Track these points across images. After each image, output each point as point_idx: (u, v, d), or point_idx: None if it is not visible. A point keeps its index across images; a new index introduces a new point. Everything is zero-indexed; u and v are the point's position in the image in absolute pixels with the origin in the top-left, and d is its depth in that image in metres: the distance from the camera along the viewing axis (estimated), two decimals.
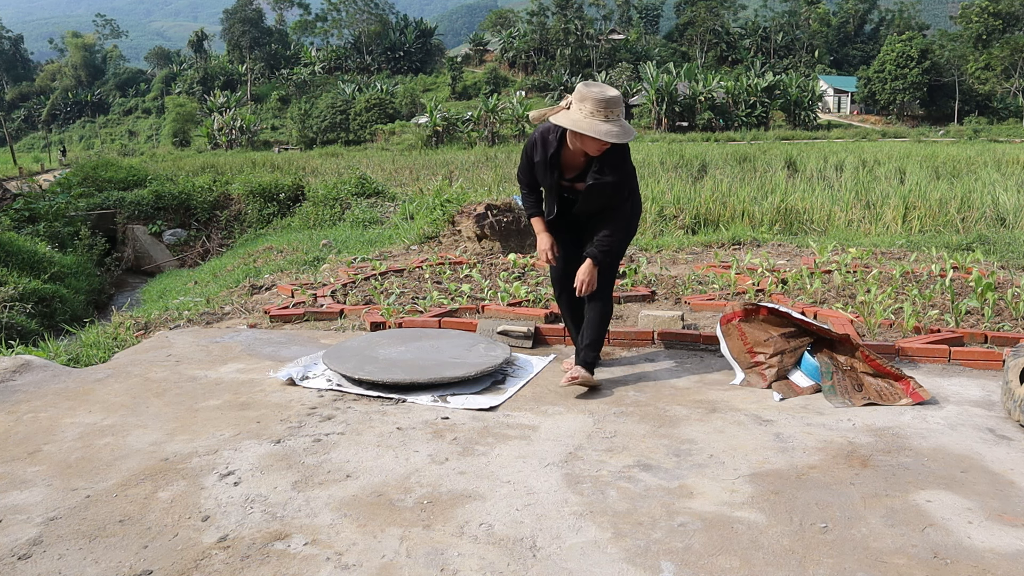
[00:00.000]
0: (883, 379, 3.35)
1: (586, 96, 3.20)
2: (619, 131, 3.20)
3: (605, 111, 3.18)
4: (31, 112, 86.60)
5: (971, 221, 10.59)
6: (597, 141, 3.22)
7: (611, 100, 3.18)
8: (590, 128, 3.17)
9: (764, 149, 28.76)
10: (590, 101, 3.18)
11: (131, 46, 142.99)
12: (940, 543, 2.13)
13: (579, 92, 3.24)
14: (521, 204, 3.63)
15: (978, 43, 62.95)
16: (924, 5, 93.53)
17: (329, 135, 57.17)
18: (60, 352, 4.75)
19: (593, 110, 3.18)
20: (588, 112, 3.19)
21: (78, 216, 16.16)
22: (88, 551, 2.14)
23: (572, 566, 2.04)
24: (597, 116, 3.18)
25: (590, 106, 3.19)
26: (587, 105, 3.19)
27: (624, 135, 3.22)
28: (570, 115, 3.24)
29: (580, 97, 3.22)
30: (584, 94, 3.21)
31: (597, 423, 3.07)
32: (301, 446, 2.85)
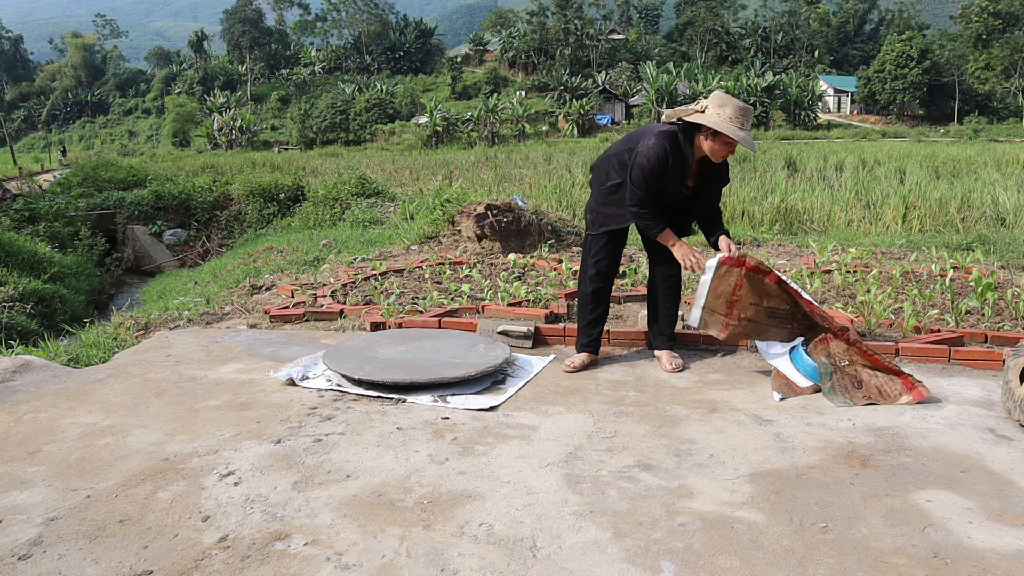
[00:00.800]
0: (883, 374, 3.34)
1: (726, 103, 3.37)
2: (751, 140, 3.41)
3: (742, 119, 3.36)
4: (31, 112, 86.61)
5: (971, 221, 10.59)
6: (729, 147, 3.42)
7: (748, 110, 3.38)
8: (732, 132, 3.34)
9: (764, 149, 28.77)
10: (731, 107, 3.36)
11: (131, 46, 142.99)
12: (940, 543, 2.13)
13: (719, 98, 3.41)
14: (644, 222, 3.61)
15: (978, 43, 62.95)
16: (924, 5, 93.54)
17: (329, 135, 57.16)
18: (60, 352, 4.75)
19: (732, 116, 3.36)
20: (727, 117, 3.36)
21: (78, 216, 16.15)
22: (88, 551, 2.14)
23: (572, 566, 2.04)
24: (735, 122, 3.35)
25: (730, 111, 3.36)
26: (727, 110, 3.37)
27: (753, 144, 3.44)
28: (710, 118, 3.38)
29: (720, 103, 3.38)
30: (724, 100, 3.38)
31: (597, 423, 3.07)
32: (301, 446, 2.85)
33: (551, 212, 8.23)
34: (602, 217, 3.75)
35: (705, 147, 3.47)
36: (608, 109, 61.97)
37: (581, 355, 3.84)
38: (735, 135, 3.34)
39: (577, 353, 3.88)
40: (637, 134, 3.67)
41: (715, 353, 4.04)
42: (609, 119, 60.23)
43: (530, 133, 52.80)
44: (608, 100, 62.74)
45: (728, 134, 3.35)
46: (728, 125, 3.35)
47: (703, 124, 3.40)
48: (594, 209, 3.79)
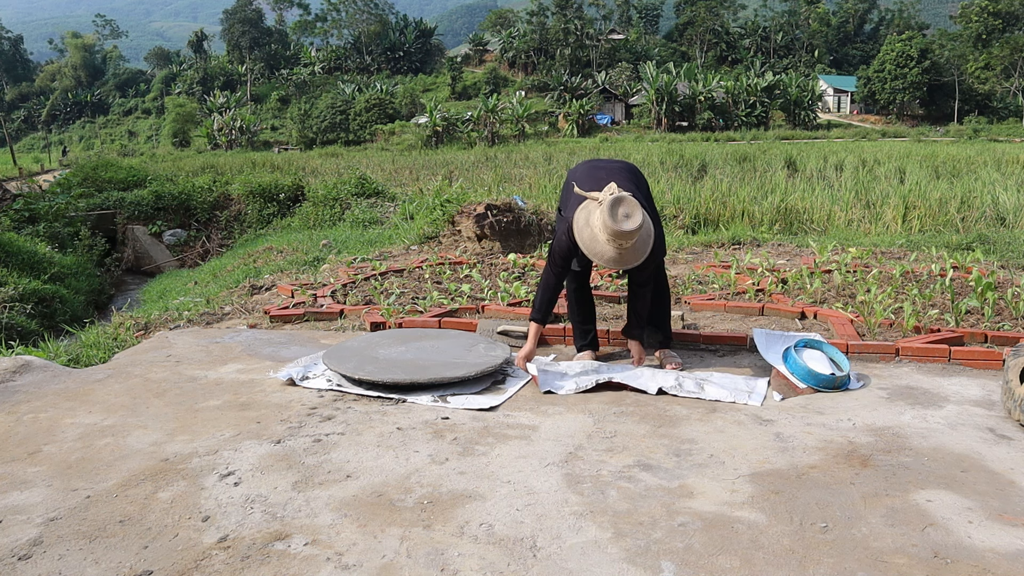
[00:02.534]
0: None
1: (604, 214, 3.26)
2: (617, 257, 3.30)
3: (618, 240, 3.27)
4: (31, 112, 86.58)
5: (971, 221, 10.59)
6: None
7: (622, 233, 3.24)
8: (591, 251, 3.33)
9: (764, 149, 28.76)
10: (606, 223, 3.25)
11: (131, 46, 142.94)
12: (940, 543, 2.13)
13: (605, 208, 3.26)
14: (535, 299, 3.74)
15: (978, 43, 62.92)
16: (924, 5, 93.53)
17: (329, 135, 57.13)
18: (60, 352, 4.75)
19: (601, 227, 3.28)
20: (599, 227, 3.29)
21: (78, 216, 16.16)
22: (88, 551, 2.14)
23: (572, 566, 2.04)
24: (605, 237, 3.28)
25: (600, 224, 3.28)
26: (599, 221, 3.28)
27: (621, 261, 3.32)
28: (590, 219, 3.34)
29: (601, 211, 3.28)
30: (604, 211, 3.26)
31: (597, 423, 3.07)
32: (301, 446, 2.85)
33: (551, 212, 8.23)
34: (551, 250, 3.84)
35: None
36: (608, 109, 61.96)
37: (583, 355, 3.87)
38: (595, 253, 3.31)
39: (579, 354, 3.90)
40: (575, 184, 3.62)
41: (715, 353, 4.04)
42: (609, 119, 60.23)
43: (530, 133, 52.81)
44: (608, 100, 62.74)
45: (588, 254, 3.35)
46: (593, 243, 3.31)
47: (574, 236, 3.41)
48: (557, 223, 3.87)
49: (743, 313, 4.72)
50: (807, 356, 3.57)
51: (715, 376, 3.59)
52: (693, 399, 3.34)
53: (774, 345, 3.70)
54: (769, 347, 3.69)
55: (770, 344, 3.72)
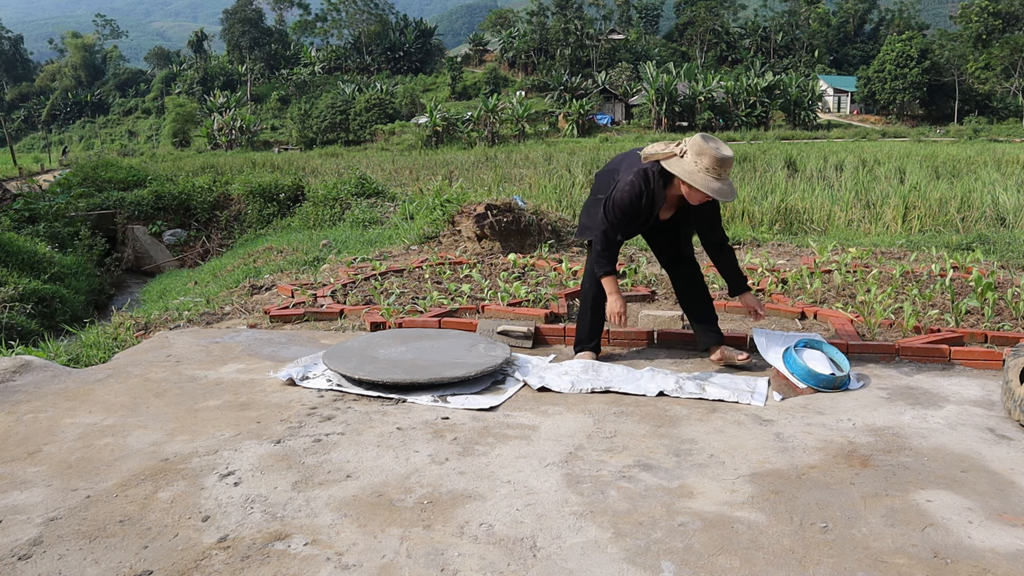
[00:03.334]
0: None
1: (704, 151, 3.29)
2: (728, 190, 3.33)
3: (719, 169, 3.29)
4: (31, 112, 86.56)
5: (971, 221, 10.60)
6: (702, 194, 3.35)
7: (726, 160, 3.30)
8: (703, 184, 3.29)
9: (764, 149, 28.77)
10: (707, 157, 3.29)
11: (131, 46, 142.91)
12: (940, 543, 2.13)
13: (697, 144, 3.33)
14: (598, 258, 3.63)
15: (978, 43, 62.91)
16: (924, 5, 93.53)
17: (329, 135, 57.14)
18: (60, 352, 4.75)
19: (708, 166, 3.29)
20: (703, 167, 3.30)
21: (78, 216, 16.15)
22: (88, 551, 2.14)
23: (572, 566, 2.04)
24: (711, 173, 3.29)
25: (706, 161, 3.29)
26: (703, 160, 3.29)
27: (730, 194, 3.36)
28: (684, 165, 3.33)
29: (697, 150, 3.31)
30: (702, 148, 3.30)
31: (597, 423, 3.07)
32: (301, 446, 2.85)
33: (551, 212, 8.23)
34: (583, 227, 3.83)
35: (682, 190, 3.44)
36: (608, 109, 61.96)
37: (584, 355, 3.87)
38: (707, 188, 3.28)
39: (579, 353, 3.90)
40: (626, 161, 3.66)
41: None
42: (609, 119, 60.23)
43: (530, 133, 52.82)
44: (608, 100, 62.74)
45: (699, 187, 3.30)
46: (703, 176, 3.29)
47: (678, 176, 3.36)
48: (582, 216, 3.86)
49: (743, 313, 4.72)
50: (807, 356, 3.57)
51: (716, 376, 3.58)
52: (693, 399, 3.34)
53: (774, 345, 3.69)
54: (769, 347, 3.69)
55: (770, 344, 3.71)
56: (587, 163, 22.10)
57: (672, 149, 3.40)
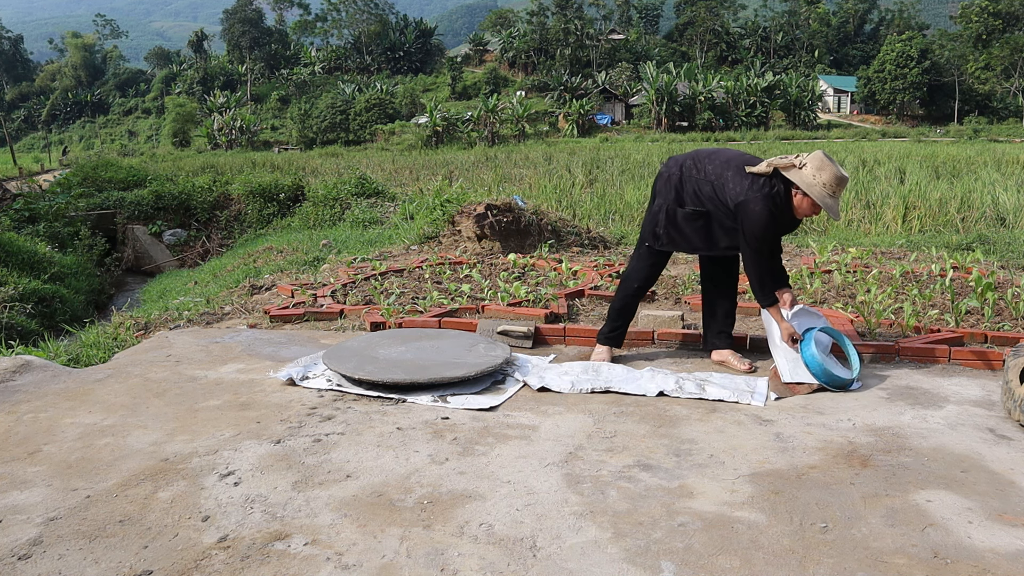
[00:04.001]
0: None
1: (824, 167, 3.39)
2: (837, 209, 3.45)
3: (835, 187, 3.39)
4: (31, 112, 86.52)
5: (971, 221, 10.60)
6: (815, 209, 3.44)
7: (844, 180, 3.43)
8: (819, 197, 3.39)
9: (764, 149, 28.75)
10: (827, 173, 3.38)
11: (131, 46, 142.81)
12: (940, 543, 2.13)
13: (818, 159, 3.41)
14: (762, 291, 3.63)
15: (978, 43, 62.90)
16: (924, 5, 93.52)
17: (329, 135, 57.11)
18: (60, 352, 4.75)
19: (827, 182, 3.38)
20: (822, 182, 3.38)
21: (78, 216, 16.15)
22: (88, 551, 2.14)
23: (572, 566, 2.04)
24: (827, 189, 3.38)
25: (825, 177, 3.38)
26: (823, 175, 3.38)
27: (838, 214, 3.48)
28: (803, 177, 3.41)
29: (819, 165, 3.39)
30: (823, 164, 3.39)
31: (597, 423, 3.07)
32: (301, 446, 2.85)
33: (551, 212, 8.23)
34: (668, 237, 3.72)
35: (794, 201, 3.48)
36: (608, 109, 61.95)
37: (603, 350, 3.88)
38: (823, 202, 3.37)
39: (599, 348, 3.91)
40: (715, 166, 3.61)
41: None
42: (609, 119, 60.22)
43: (530, 133, 52.80)
44: (608, 100, 62.72)
45: (817, 199, 3.38)
46: (821, 191, 3.38)
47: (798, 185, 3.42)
48: (663, 225, 3.72)
49: (743, 313, 4.71)
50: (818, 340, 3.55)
51: (715, 376, 3.58)
52: (693, 399, 3.34)
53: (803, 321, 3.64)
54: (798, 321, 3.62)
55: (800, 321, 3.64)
56: (587, 163, 22.09)
57: (792, 160, 3.46)
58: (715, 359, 3.84)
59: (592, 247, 7.54)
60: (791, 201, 3.49)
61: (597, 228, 8.33)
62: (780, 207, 3.47)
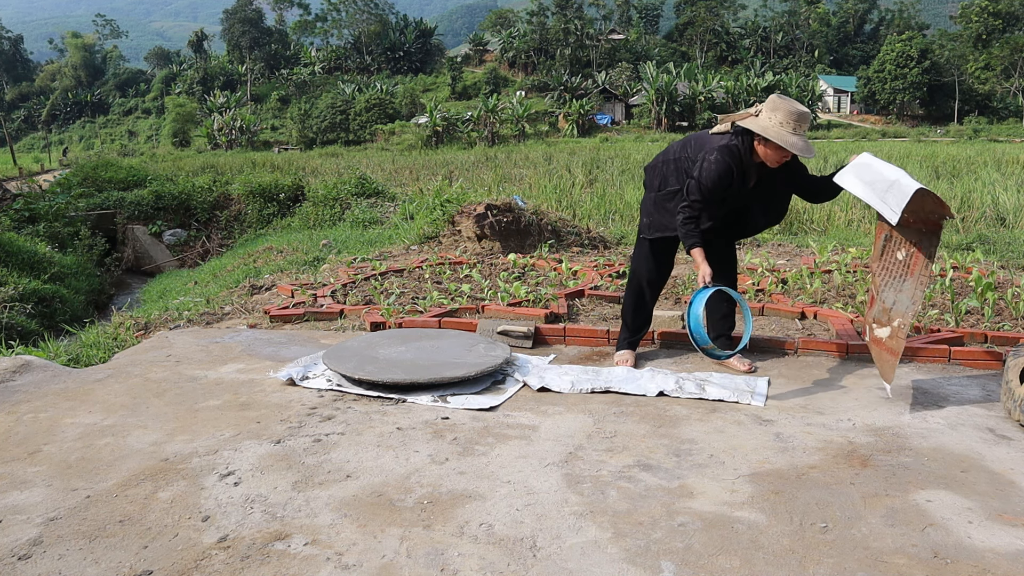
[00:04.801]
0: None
1: (778, 106, 3.29)
2: (804, 145, 3.30)
3: (795, 123, 3.26)
4: (31, 112, 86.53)
5: (971, 221, 10.60)
6: (782, 152, 3.32)
7: (802, 114, 3.27)
8: (778, 136, 3.26)
9: None
10: (782, 111, 3.28)
11: (131, 46, 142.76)
12: (940, 543, 2.13)
13: (771, 102, 3.33)
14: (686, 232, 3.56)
15: (978, 43, 62.89)
16: (924, 5, 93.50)
17: (329, 135, 57.11)
18: (60, 352, 4.75)
19: (783, 120, 3.27)
20: (778, 122, 3.28)
21: (78, 216, 16.15)
22: (88, 551, 2.14)
23: (572, 566, 2.04)
24: (786, 127, 3.27)
25: (781, 116, 3.28)
26: (778, 115, 3.28)
27: (806, 150, 3.31)
28: (759, 123, 3.32)
29: (772, 107, 3.31)
30: (776, 104, 3.30)
31: (597, 423, 3.07)
32: (301, 446, 2.85)
33: (551, 212, 8.23)
34: (657, 223, 3.72)
35: (760, 153, 3.40)
36: (608, 109, 61.94)
37: (624, 354, 3.86)
38: (784, 141, 3.25)
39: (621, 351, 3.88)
40: (697, 142, 3.59)
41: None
42: (609, 119, 60.22)
43: (530, 133, 52.79)
44: (608, 100, 62.72)
45: (776, 140, 3.26)
46: (778, 130, 3.27)
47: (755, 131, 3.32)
48: (650, 213, 3.74)
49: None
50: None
51: (715, 376, 3.58)
52: (693, 399, 3.34)
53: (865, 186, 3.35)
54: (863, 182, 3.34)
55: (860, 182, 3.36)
56: (587, 163, 22.09)
57: (748, 111, 3.40)
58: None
59: (592, 247, 7.54)
60: (754, 154, 3.41)
61: (597, 228, 8.33)
62: (740, 161, 3.39)
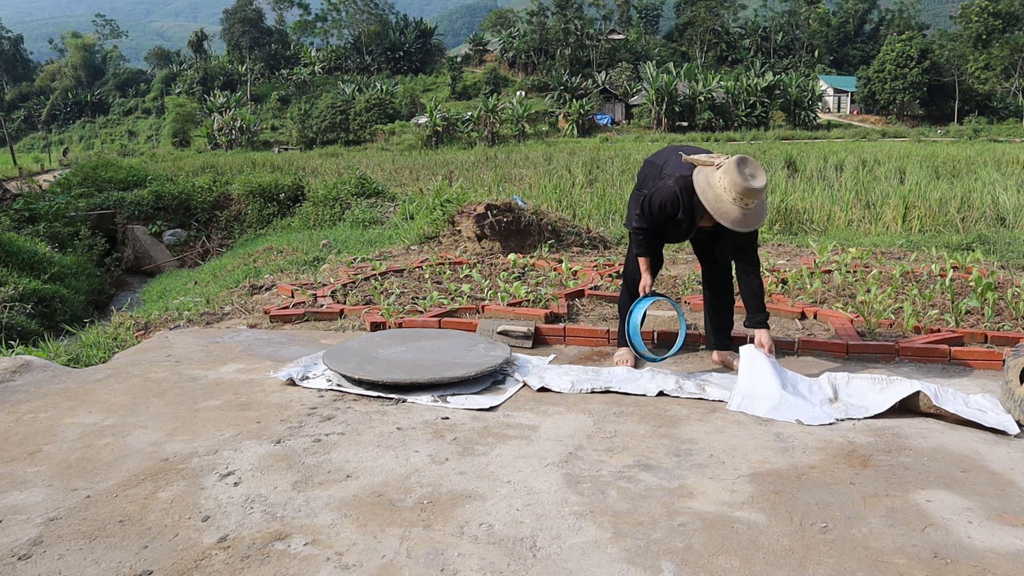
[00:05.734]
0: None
1: (729, 172, 3.23)
2: (739, 217, 3.24)
3: (738, 195, 3.22)
4: (31, 112, 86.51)
5: (971, 221, 10.59)
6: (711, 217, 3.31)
7: (748, 190, 3.20)
8: (715, 201, 3.25)
9: (764, 149, 28.77)
10: (729, 179, 3.23)
11: (131, 46, 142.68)
12: (940, 543, 2.13)
13: (728, 166, 3.25)
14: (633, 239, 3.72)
15: (978, 43, 62.88)
16: (924, 5, 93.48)
17: (329, 135, 57.10)
18: (60, 352, 4.75)
19: (728, 186, 3.23)
20: (723, 186, 3.24)
21: (78, 216, 16.15)
22: (88, 551, 2.14)
23: (572, 566, 2.04)
24: (728, 193, 3.22)
25: (727, 182, 3.23)
26: (725, 180, 3.23)
27: (744, 223, 3.25)
28: (710, 180, 3.28)
29: (726, 170, 3.26)
30: (729, 169, 3.24)
31: (597, 423, 3.07)
32: (301, 446, 2.85)
33: (551, 212, 8.23)
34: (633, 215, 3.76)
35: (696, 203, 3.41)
36: (608, 109, 61.94)
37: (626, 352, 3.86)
38: (716, 209, 3.25)
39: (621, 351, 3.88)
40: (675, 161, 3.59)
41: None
42: (609, 119, 60.21)
43: (530, 133, 52.79)
44: (608, 100, 62.71)
45: (708, 206, 3.27)
46: (717, 195, 3.25)
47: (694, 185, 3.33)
48: (630, 206, 3.80)
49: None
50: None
51: (715, 376, 3.58)
52: (693, 399, 3.34)
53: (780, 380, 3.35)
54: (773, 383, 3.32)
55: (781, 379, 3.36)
56: (587, 163, 22.08)
57: (713, 160, 3.36)
58: (716, 359, 3.84)
59: (592, 247, 7.54)
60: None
61: (597, 228, 8.33)
62: (691, 198, 3.40)
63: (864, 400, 3.18)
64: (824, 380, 3.38)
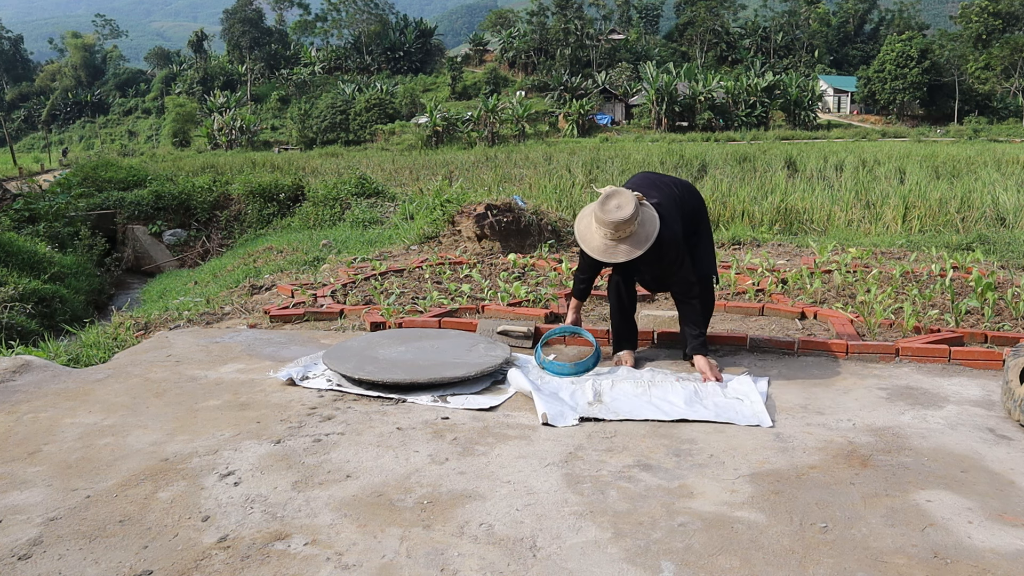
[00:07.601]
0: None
1: (596, 203, 3.36)
2: (603, 248, 3.35)
3: (605, 228, 3.32)
4: (31, 112, 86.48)
5: (971, 221, 10.60)
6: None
7: (612, 223, 3.28)
8: (585, 231, 3.42)
9: (764, 149, 28.77)
10: (594, 216, 3.35)
11: (131, 46, 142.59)
12: (940, 543, 2.13)
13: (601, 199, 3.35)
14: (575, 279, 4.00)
15: (978, 43, 62.89)
16: (924, 5, 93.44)
17: (329, 135, 57.09)
18: (60, 352, 4.75)
19: (597, 220, 3.34)
20: (595, 220, 3.36)
21: (78, 216, 16.14)
22: (88, 551, 2.14)
23: (572, 566, 2.04)
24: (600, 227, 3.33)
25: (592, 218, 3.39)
26: (595, 214, 3.34)
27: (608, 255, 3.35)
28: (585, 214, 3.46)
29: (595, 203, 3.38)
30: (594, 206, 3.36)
31: (597, 422, 3.07)
32: (301, 446, 2.85)
33: (551, 212, 8.23)
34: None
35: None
36: (608, 109, 61.95)
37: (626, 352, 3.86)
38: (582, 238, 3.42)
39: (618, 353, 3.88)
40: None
41: (714, 353, 4.03)
42: (609, 119, 60.21)
43: (530, 133, 52.79)
44: (608, 100, 62.72)
45: (577, 235, 3.45)
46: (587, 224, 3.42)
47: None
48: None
49: (743, 313, 4.72)
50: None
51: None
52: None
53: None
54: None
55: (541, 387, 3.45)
56: (587, 163, 22.09)
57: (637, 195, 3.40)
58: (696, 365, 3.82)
59: None
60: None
61: None
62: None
63: (621, 404, 3.22)
64: (588, 385, 3.44)
